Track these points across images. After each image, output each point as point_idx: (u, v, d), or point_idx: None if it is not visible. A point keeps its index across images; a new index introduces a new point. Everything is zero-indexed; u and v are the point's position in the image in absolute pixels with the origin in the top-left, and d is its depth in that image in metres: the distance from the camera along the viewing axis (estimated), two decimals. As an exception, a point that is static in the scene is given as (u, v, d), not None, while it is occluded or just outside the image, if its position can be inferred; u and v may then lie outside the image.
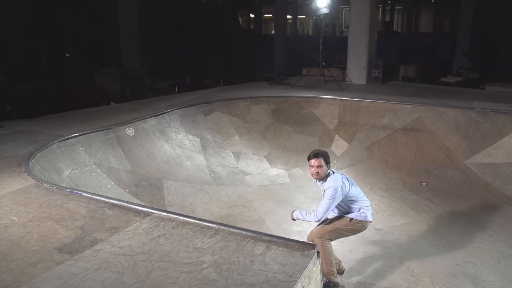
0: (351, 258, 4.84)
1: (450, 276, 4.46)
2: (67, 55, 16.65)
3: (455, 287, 4.27)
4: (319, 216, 4.20)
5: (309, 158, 4.47)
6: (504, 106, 7.38)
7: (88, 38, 17.71)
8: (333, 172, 4.37)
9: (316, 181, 4.50)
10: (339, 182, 4.25)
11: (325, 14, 9.86)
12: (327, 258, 4.31)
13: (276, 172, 7.42)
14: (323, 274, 4.11)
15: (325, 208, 4.19)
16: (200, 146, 7.19)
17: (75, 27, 17.38)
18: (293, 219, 4.51)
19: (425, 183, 6.82)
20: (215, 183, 6.67)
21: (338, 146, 7.84)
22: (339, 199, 4.22)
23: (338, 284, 4.37)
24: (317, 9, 9.73)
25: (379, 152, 7.46)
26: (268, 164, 7.55)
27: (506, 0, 21.57)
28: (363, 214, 4.33)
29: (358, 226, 4.34)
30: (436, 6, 39.99)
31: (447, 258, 4.79)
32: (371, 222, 4.42)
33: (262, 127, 8.07)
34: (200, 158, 6.98)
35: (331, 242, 4.36)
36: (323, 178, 4.34)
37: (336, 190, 4.18)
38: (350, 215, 4.33)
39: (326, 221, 4.44)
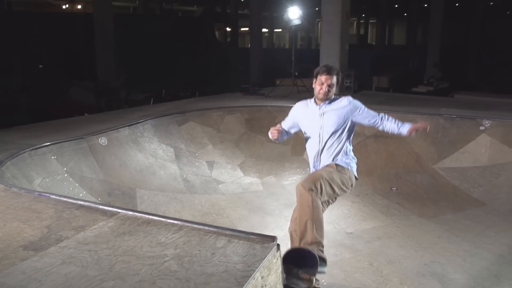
0: (321, 261, 4.90)
1: (418, 275, 4.55)
2: (40, 66, 16.58)
3: (423, 285, 4.36)
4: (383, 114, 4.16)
5: (318, 73, 4.06)
6: (470, 112, 7.61)
7: (63, 50, 17.67)
8: None
9: (313, 102, 4.19)
10: None
11: (297, 25, 10.06)
12: (316, 220, 3.47)
13: (250, 180, 7.48)
14: (308, 243, 3.40)
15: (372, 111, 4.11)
16: (173, 155, 7.23)
17: (50, 40, 17.35)
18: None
19: (395, 188, 6.96)
20: (188, 191, 6.71)
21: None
22: None
23: (326, 262, 3.48)
24: (289, 20, 9.92)
25: (351, 159, 7.60)
26: (241, 172, 7.62)
27: (473, 15, 22.34)
28: (351, 163, 4.12)
29: (346, 177, 3.99)
30: (408, 20, 40.85)
31: (415, 259, 4.90)
32: (357, 179, 4.17)
33: (235, 137, 8.14)
34: (173, 167, 7.02)
35: (322, 203, 3.64)
36: (330, 99, 4.08)
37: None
38: (336, 161, 4.05)
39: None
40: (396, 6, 41.37)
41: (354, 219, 6.05)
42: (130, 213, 2.92)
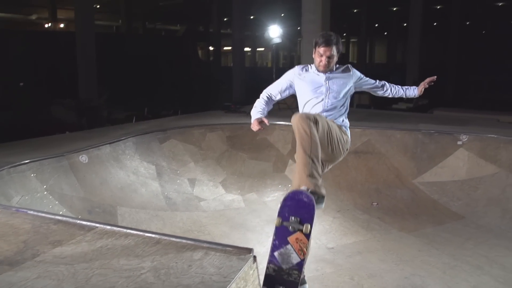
0: (302, 275, 4.91)
1: (398, 288, 4.61)
2: (21, 84, 16.48)
3: (403, 298, 4.41)
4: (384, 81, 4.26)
5: (316, 44, 3.88)
6: (448, 127, 7.74)
7: (45, 68, 17.61)
8: None
9: (314, 69, 4.09)
10: None
11: (278, 43, 10.17)
12: (313, 149, 3.32)
13: (231, 197, 7.48)
14: (304, 180, 3.26)
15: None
16: (155, 173, 7.21)
17: (31, 58, 17.28)
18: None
19: (376, 203, 7.02)
20: (169, 209, 6.69)
21: (292, 171, 7.99)
22: None
23: (324, 197, 3.35)
24: (270, 39, 10.04)
25: (331, 175, 7.62)
26: (223, 189, 7.61)
27: (450, 34, 22.86)
28: (348, 127, 4.15)
29: (345, 137, 4.04)
30: (389, 39, 41.57)
31: (395, 272, 4.93)
32: (349, 146, 4.18)
33: (217, 154, 8.15)
34: (155, 185, 7.00)
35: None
36: (332, 70, 4.02)
37: None
38: (335, 121, 4.03)
39: None
40: (376, 25, 42.12)
41: (335, 234, 6.08)
42: (108, 227, 2.92)
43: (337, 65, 4.14)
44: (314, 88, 4.07)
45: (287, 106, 10.37)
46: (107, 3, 32.56)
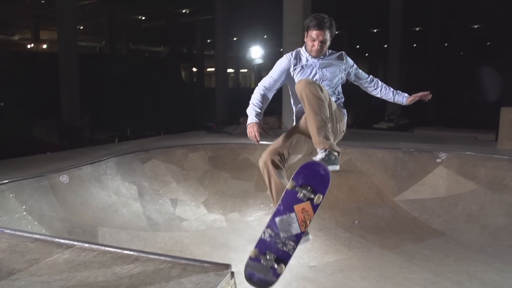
0: (284, 294, 4.91)
1: (379, 306, 4.62)
2: (1, 104, 16.35)
3: (384, 315, 4.42)
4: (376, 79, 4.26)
5: (308, 27, 3.74)
6: (427, 145, 7.86)
7: (28, 88, 17.51)
8: None
9: (307, 54, 3.97)
10: None
11: (259, 64, 10.28)
12: (323, 109, 3.39)
13: (213, 217, 7.46)
14: (320, 141, 3.40)
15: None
16: (136, 193, 7.17)
17: (14, 77, 17.20)
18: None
19: (357, 221, 7.06)
20: (151, 229, 6.64)
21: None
22: None
23: (339, 153, 3.55)
24: (252, 59, 10.15)
25: (313, 194, 7.67)
26: (205, 209, 7.59)
27: (429, 56, 23.29)
28: (344, 110, 4.06)
29: (343, 119, 4.01)
30: (370, 60, 42.18)
31: (376, 290, 4.97)
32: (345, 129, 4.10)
33: (199, 174, 8.14)
34: (136, 205, 6.96)
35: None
36: (325, 54, 3.90)
37: None
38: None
39: None
40: (358, 46, 42.77)
41: (317, 252, 6.09)
42: (86, 245, 2.90)
43: (330, 50, 4.07)
44: (309, 76, 3.99)
45: (269, 126, 10.44)
46: (91, 24, 32.61)
